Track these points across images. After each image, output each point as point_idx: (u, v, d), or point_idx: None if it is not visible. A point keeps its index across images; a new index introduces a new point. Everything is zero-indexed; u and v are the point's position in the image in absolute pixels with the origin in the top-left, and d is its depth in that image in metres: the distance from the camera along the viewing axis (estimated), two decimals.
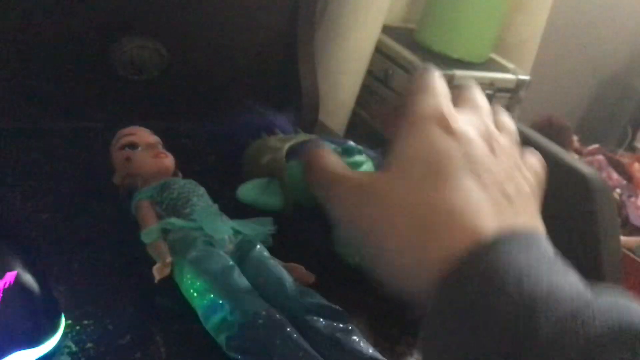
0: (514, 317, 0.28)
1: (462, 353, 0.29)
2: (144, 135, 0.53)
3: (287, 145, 0.53)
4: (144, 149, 0.52)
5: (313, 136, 0.58)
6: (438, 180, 0.34)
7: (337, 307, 0.43)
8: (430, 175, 0.34)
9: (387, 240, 0.34)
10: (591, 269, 1.04)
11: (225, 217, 0.48)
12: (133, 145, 0.52)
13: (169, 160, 0.52)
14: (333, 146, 0.54)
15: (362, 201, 0.35)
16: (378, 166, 0.55)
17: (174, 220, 0.46)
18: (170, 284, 0.44)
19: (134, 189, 0.50)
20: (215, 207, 0.49)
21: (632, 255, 1.22)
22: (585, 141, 1.56)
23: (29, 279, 0.38)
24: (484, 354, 0.28)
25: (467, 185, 0.34)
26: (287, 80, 0.71)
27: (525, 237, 0.32)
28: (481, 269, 0.30)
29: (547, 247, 0.32)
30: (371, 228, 0.34)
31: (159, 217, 0.47)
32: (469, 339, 0.29)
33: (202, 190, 0.50)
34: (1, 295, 0.36)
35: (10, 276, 0.37)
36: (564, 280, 0.30)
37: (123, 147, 0.52)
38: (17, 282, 0.37)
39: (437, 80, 0.39)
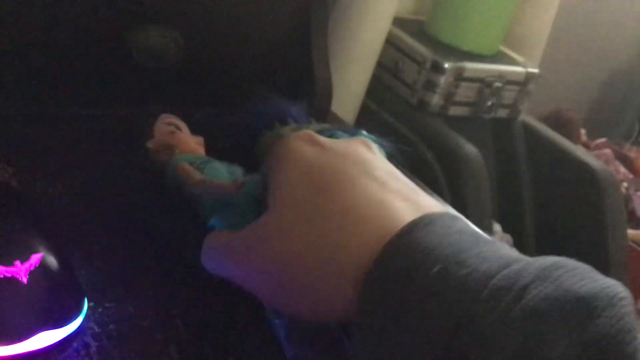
0: (445, 290, 0.28)
1: (400, 339, 0.29)
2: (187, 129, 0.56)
3: None
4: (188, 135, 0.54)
5: (326, 125, 0.59)
6: (332, 191, 0.33)
7: None
8: (321, 191, 0.34)
9: (296, 278, 0.33)
10: (598, 260, 1.05)
11: None
12: (178, 127, 0.54)
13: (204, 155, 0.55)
14: (346, 135, 0.55)
15: (255, 254, 0.34)
16: (388, 157, 0.55)
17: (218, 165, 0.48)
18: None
19: (167, 159, 0.51)
20: None
21: (638, 248, 1.23)
22: (592, 135, 1.56)
23: (53, 261, 0.39)
24: (421, 334, 0.28)
25: (364, 185, 0.33)
26: (300, 70, 0.71)
27: (442, 218, 0.32)
28: (406, 251, 0.30)
29: (467, 224, 0.32)
30: (273, 278, 0.34)
31: None
32: (403, 323, 0.29)
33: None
34: (27, 276, 0.37)
35: (35, 258, 0.38)
36: (492, 249, 0.30)
37: (169, 124, 0.54)
38: (42, 264, 0.38)
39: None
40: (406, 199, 0.33)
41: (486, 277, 0.28)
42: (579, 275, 0.27)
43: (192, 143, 0.54)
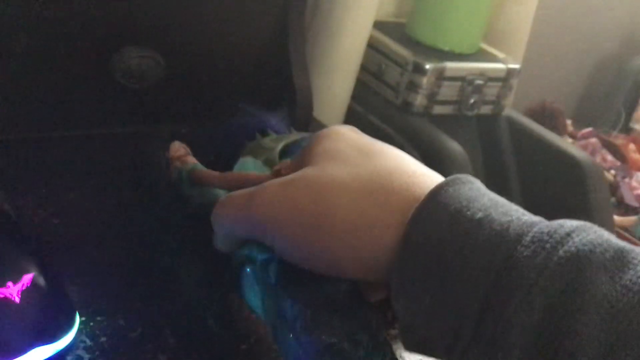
0: (488, 234, 0.30)
1: (443, 282, 0.30)
2: None
3: (280, 145, 0.56)
4: None
5: (306, 134, 0.61)
6: (372, 156, 0.36)
7: None
8: (363, 154, 0.36)
9: (335, 227, 0.34)
10: None
11: None
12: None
13: None
14: None
15: (294, 195, 0.35)
16: None
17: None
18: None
19: (181, 167, 0.53)
20: None
21: (627, 235, 1.25)
22: (580, 125, 1.58)
23: (44, 280, 0.41)
24: (465, 276, 0.29)
25: (397, 154, 0.37)
26: (280, 81, 0.73)
27: (477, 181, 0.34)
28: (449, 200, 0.32)
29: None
30: (313, 221, 0.34)
31: None
32: (447, 266, 0.30)
33: None
34: (20, 296, 0.39)
35: (27, 278, 0.40)
36: (521, 211, 0.32)
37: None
38: (34, 284, 0.40)
39: None
40: (427, 170, 0.37)
41: (528, 226, 0.30)
42: (613, 235, 0.30)
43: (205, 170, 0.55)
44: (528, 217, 0.31)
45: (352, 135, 0.39)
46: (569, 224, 0.30)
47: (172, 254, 0.49)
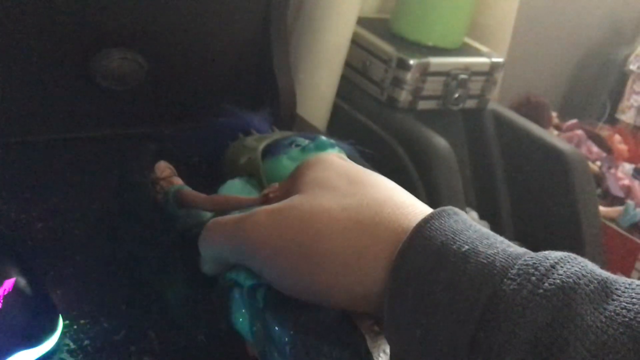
0: (475, 268, 0.30)
1: (432, 317, 0.30)
2: None
3: (262, 145, 0.56)
4: None
5: (288, 133, 0.61)
6: (361, 186, 0.36)
7: None
8: (352, 184, 0.36)
9: (324, 258, 0.34)
10: (572, 239, 1.08)
11: None
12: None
13: None
14: (306, 141, 0.57)
15: (283, 224, 0.35)
16: (348, 157, 0.57)
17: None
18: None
19: (167, 187, 0.53)
20: None
21: (613, 226, 1.26)
22: (565, 116, 1.59)
23: (26, 285, 0.41)
24: (453, 310, 0.30)
25: (386, 185, 0.37)
26: (263, 80, 0.73)
27: (462, 212, 0.34)
28: (435, 233, 0.32)
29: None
30: (302, 251, 0.34)
31: None
32: (435, 300, 0.30)
33: None
34: (1, 301, 0.39)
35: (8, 283, 0.40)
36: (506, 242, 0.32)
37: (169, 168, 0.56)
38: (16, 289, 0.40)
39: None
40: (416, 200, 0.37)
41: (513, 258, 0.30)
42: (596, 265, 0.30)
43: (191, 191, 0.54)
44: (513, 249, 0.31)
45: (341, 163, 0.39)
46: (554, 255, 0.30)
47: (157, 265, 0.49)
